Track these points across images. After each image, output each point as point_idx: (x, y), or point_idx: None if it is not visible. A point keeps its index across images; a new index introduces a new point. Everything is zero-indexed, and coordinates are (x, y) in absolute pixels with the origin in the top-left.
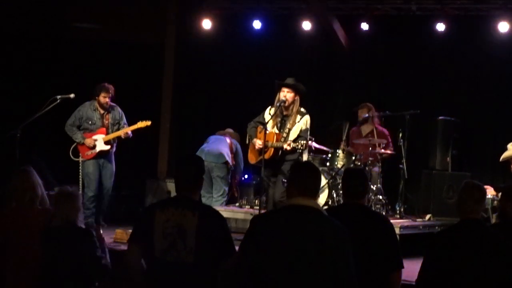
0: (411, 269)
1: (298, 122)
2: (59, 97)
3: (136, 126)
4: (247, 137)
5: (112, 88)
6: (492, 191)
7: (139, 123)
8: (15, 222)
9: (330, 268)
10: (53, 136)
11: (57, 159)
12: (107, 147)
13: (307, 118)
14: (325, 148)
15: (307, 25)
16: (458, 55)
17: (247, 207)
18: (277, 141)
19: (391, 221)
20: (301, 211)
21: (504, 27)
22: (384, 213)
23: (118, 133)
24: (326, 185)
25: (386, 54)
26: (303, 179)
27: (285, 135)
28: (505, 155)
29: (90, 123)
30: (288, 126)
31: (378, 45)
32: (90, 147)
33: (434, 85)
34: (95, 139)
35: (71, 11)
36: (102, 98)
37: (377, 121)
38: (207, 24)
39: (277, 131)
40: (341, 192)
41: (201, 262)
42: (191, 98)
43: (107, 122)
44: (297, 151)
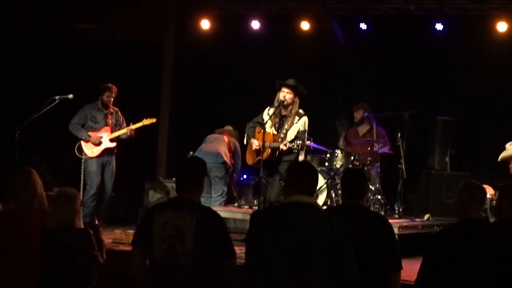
0: (410, 269)
1: (296, 123)
2: (58, 97)
3: (141, 123)
4: (245, 138)
5: (115, 88)
6: (491, 190)
7: (144, 120)
8: (12, 222)
9: (329, 263)
10: (52, 136)
11: (56, 159)
12: (113, 144)
13: (305, 119)
14: (323, 148)
15: (305, 25)
16: (457, 55)
17: (245, 207)
18: (274, 141)
19: (390, 221)
20: (298, 207)
21: (502, 26)
22: (383, 213)
23: (124, 130)
24: (325, 185)
25: (385, 54)
26: (301, 178)
27: (282, 135)
28: (503, 155)
29: (94, 122)
30: (286, 127)
31: (377, 45)
32: (96, 143)
33: (433, 85)
34: (101, 136)
35: (70, 11)
36: (106, 97)
37: (373, 121)
38: (206, 24)
39: (275, 132)
40: (340, 192)
41: (200, 264)
42: (190, 98)
43: (110, 121)
44: (293, 152)
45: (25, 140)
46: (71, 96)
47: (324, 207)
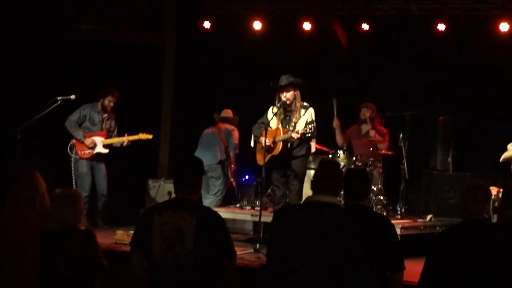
0: (413, 269)
1: (303, 115)
2: (59, 98)
3: (137, 136)
4: (253, 139)
5: (118, 93)
6: (494, 191)
7: (140, 135)
8: (13, 222)
9: (349, 264)
10: (54, 137)
11: (57, 160)
12: (106, 150)
13: (311, 110)
14: (325, 148)
15: (307, 26)
16: (458, 55)
17: (247, 207)
18: (283, 134)
19: (392, 221)
20: (321, 206)
21: (504, 27)
22: (385, 214)
23: (121, 139)
24: None
25: (386, 54)
26: (325, 177)
27: (291, 128)
28: (505, 156)
29: (91, 123)
30: (293, 120)
31: (378, 45)
32: (90, 146)
33: (434, 85)
34: (94, 140)
35: (70, 12)
36: (107, 101)
37: (377, 121)
38: (207, 24)
39: (282, 127)
40: (342, 192)
41: (200, 264)
42: (192, 98)
43: (106, 126)
44: (307, 137)
45: (26, 141)
46: (73, 97)
47: None
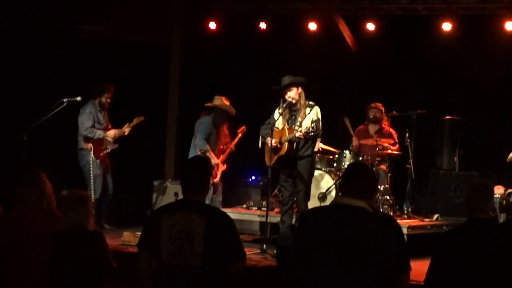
0: (419, 269)
1: (308, 114)
2: (65, 100)
3: (134, 122)
4: (260, 140)
5: (113, 88)
6: (501, 190)
7: (135, 120)
8: (21, 225)
9: (375, 269)
10: (60, 139)
11: (64, 162)
12: (116, 145)
13: (317, 109)
14: (332, 149)
15: (313, 26)
16: (464, 54)
17: (254, 208)
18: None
19: (399, 221)
20: (348, 210)
21: (510, 26)
22: (391, 214)
23: (123, 130)
24: (333, 186)
25: (392, 54)
26: (352, 180)
27: (297, 128)
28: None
29: (99, 124)
30: (299, 119)
31: (384, 45)
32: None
33: (440, 85)
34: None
35: (76, 14)
36: (104, 99)
37: (385, 121)
38: (212, 25)
39: (288, 127)
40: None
41: (209, 265)
42: (198, 99)
43: (107, 122)
44: (310, 141)
45: (33, 143)
46: (79, 98)
47: None
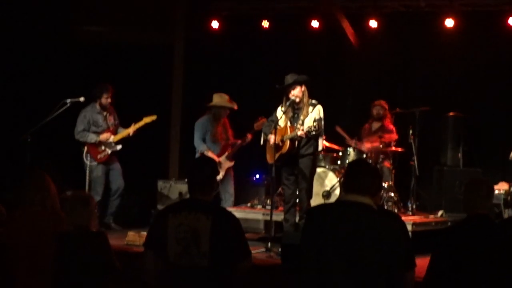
0: (424, 266)
1: (311, 112)
2: (69, 100)
3: (143, 122)
4: (262, 137)
5: (112, 88)
6: (505, 186)
7: (145, 119)
8: (25, 225)
9: (382, 266)
10: (64, 140)
11: (67, 163)
12: (119, 146)
13: (319, 107)
14: (336, 146)
15: (315, 24)
16: (467, 51)
17: (259, 207)
18: (291, 133)
19: (403, 218)
20: (353, 206)
21: None
22: (396, 211)
23: (128, 131)
24: (337, 184)
25: (395, 51)
26: (357, 177)
27: (299, 126)
28: None
29: (96, 126)
30: (301, 117)
31: (387, 42)
32: (107, 140)
33: (444, 82)
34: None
35: (79, 14)
36: (104, 99)
37: (388, 118)
38: (215, 25)
39: (290, 125)
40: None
41: (216, 265)
42: (201, 99)
43: (111, 123)
44: (312, 139)
45: (36, 144)
46: (82, 99)
47: None
